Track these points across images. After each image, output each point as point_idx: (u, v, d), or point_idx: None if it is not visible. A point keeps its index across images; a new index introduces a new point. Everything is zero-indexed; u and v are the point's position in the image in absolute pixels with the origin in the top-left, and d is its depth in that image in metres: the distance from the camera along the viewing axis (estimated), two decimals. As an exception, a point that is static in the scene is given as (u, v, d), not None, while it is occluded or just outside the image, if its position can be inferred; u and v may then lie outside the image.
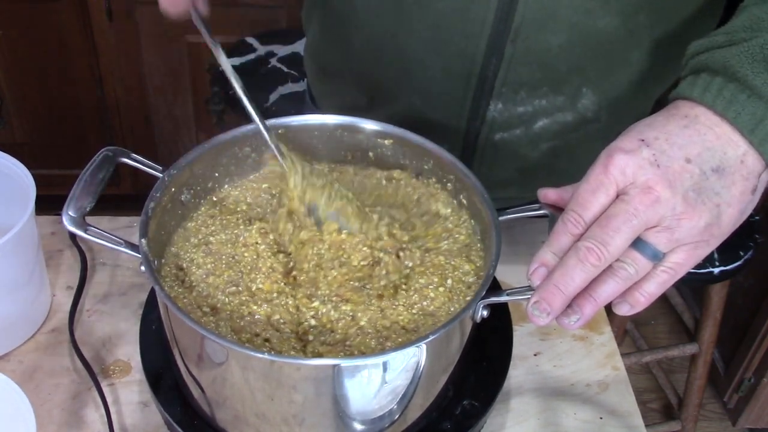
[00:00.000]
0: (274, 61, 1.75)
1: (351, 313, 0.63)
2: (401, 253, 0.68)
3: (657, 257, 0.53)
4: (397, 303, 0.64)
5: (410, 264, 0.67)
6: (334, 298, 0.64)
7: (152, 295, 0.76)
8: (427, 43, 0.76)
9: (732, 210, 0.54)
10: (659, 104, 0.60)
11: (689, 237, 0.53)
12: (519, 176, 0.87)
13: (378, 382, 0.59)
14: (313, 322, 0.63)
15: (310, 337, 0.62)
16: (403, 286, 0.66)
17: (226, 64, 0.68)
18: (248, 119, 0.69)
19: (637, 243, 0.53)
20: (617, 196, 0.54)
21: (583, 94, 0.79)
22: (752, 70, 0.55)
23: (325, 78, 0.94)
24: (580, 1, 0.71)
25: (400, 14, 0.76)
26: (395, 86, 0.83)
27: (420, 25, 0.75)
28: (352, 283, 0.65)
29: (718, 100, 0.55)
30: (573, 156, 0.84)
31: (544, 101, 0.79)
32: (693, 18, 0.75)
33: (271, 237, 0.69)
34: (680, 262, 0.54)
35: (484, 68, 0.76)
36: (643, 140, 0.54)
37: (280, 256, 0.68)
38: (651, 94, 0.84)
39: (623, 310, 0.55)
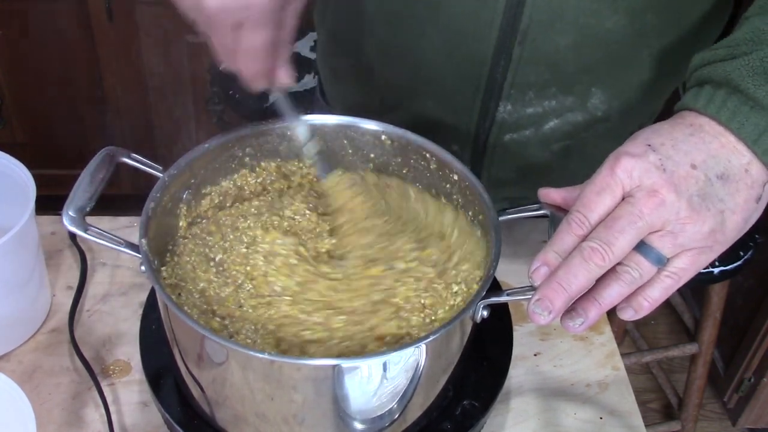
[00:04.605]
0: (274, 61, 1.75)
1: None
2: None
3: (661, 262, 0.53)
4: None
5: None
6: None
7: (152, 295, 0.76)
8: (437, 46, 0.77)
9: (736, 217, 0.54)
10: (663, 116, 0.61)
11: (693, 242, 0.53)
12: (529, 176, 0.87)
13: (378, 382, 0.59)
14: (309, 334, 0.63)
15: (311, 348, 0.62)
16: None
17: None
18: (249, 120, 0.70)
19: (642, 247, 0.53)
20: (623, 199, 0.54)
21: (592, 93, 0.79)
22: (753, 83, 0.55)
23: (337, 79, 0.94)
24: (588, 2, 0.71)
25: (411, 19, 0.76)
26: (406, 89, 0.83)
27: (431, 29, 0.76)
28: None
29: (722, 111, 0.56)
30: (584, 155, 0.84)
31: (553, 102, 0.79)
32: (701, 18, 0.76)
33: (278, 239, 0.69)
34: (684, 267, 0.54)
35: (493, 70, 0.76)
36: (649, 145, 0.55)
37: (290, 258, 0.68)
38: (661, 93, 0.85)
39: (627, 314, 0.55)
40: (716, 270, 1.47)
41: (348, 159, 0.77)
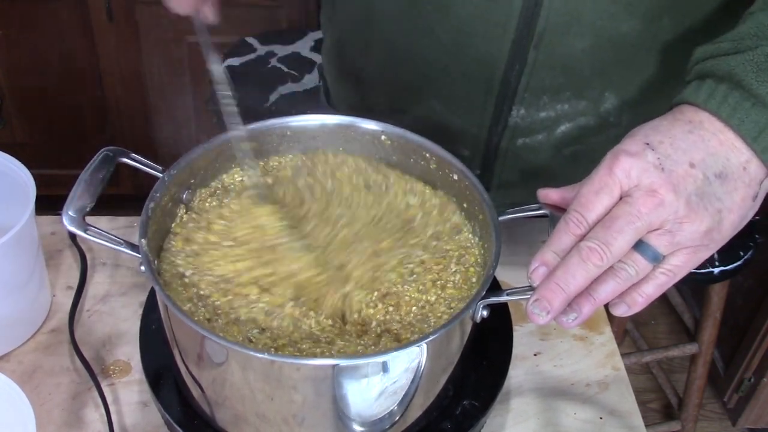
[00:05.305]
0: (274, 61, 1.75)
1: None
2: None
3: (657, 259, 0.53)
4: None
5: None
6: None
7: (152, 295, 0.76)
8: (448, 48, 0.76)
9: (733, 216, 0.55)
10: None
11: (690, 240, 0.53)
12: (537, 181, 0.86)
13: (378, 381, 0.59)
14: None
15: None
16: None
17: (219, 74, 0.69)
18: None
19: (638, 245, 0.53)
20: (620, 198, 0.54)
21: (605, 98, 0.78)
22: (756, 79, 0.55)
23: (345, 81, 0.94)
24: (605, 5, 0.70)
25: (420, 20, 0.76)
26: (416, 91, 0.83)
27: (441, 30, 0.75)
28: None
29: (722, 107, 0.55)
30: (593, 160, 0.84)
31: (566, 106, 0.78)
32: (713, 19, 0.75)
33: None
34: (680, 264, 0.54)
35: (507, 73, 0.75)
36: (648, 144, 0.55)
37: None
38: (669, 96, 0.84)
39: (620, 310, 0.55)
40: (716, 270, 1.47)
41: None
